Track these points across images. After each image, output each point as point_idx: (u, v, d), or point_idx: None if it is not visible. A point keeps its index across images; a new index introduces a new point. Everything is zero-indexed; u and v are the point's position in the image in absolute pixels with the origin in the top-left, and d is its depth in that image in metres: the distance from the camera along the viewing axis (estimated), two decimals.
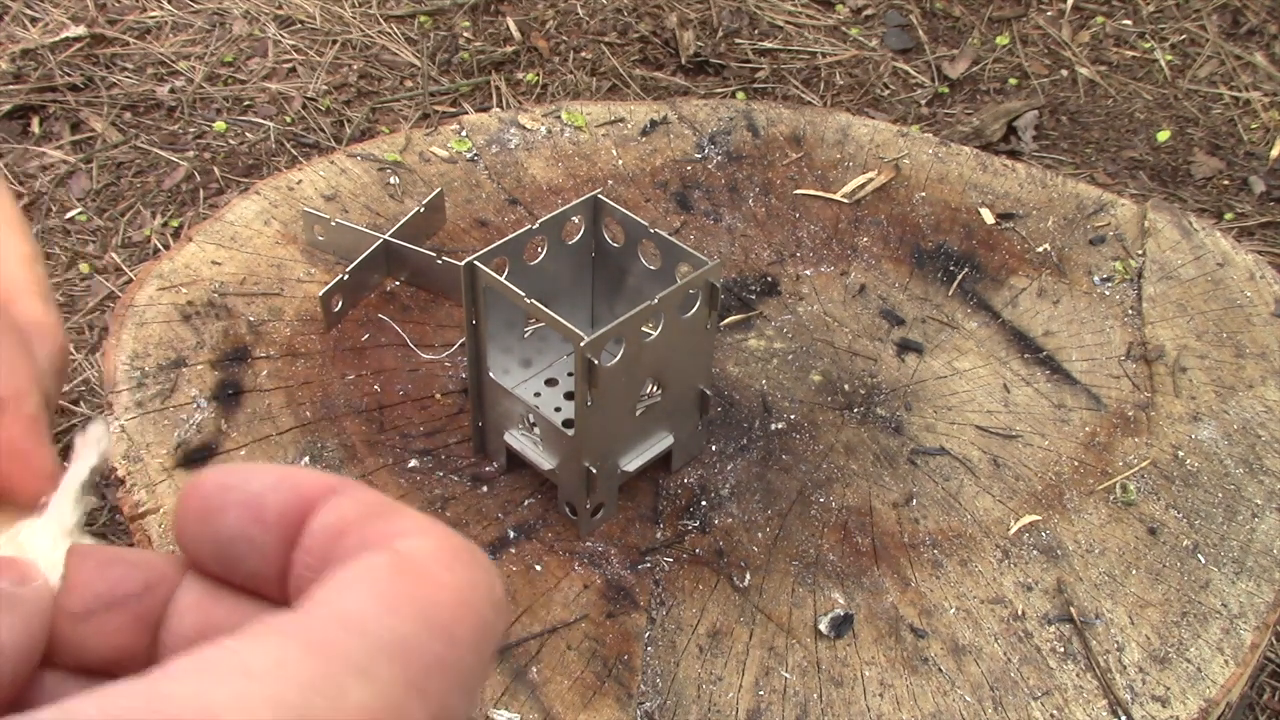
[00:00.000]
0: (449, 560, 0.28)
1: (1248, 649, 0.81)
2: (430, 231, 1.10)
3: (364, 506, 0.29)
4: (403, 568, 0.27)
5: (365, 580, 0.26)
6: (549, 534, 0.86)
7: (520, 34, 2.30)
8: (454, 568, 0.28)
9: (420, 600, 0.26)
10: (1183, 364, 1.02)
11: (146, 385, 0.93)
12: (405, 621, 0.26)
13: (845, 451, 0.93)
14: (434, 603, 0.27)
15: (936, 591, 0.84)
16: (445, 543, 0.28)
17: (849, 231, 1.14)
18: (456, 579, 0.27)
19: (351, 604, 0.26)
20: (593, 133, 1.23)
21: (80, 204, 1.94)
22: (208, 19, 2.31)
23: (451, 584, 0.27)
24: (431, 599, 0.27)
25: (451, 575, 0.27)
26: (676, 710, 0.76)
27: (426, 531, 0.28)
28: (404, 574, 0.27)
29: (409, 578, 0.27)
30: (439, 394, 0.95)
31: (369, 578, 0.27)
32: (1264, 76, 2.29)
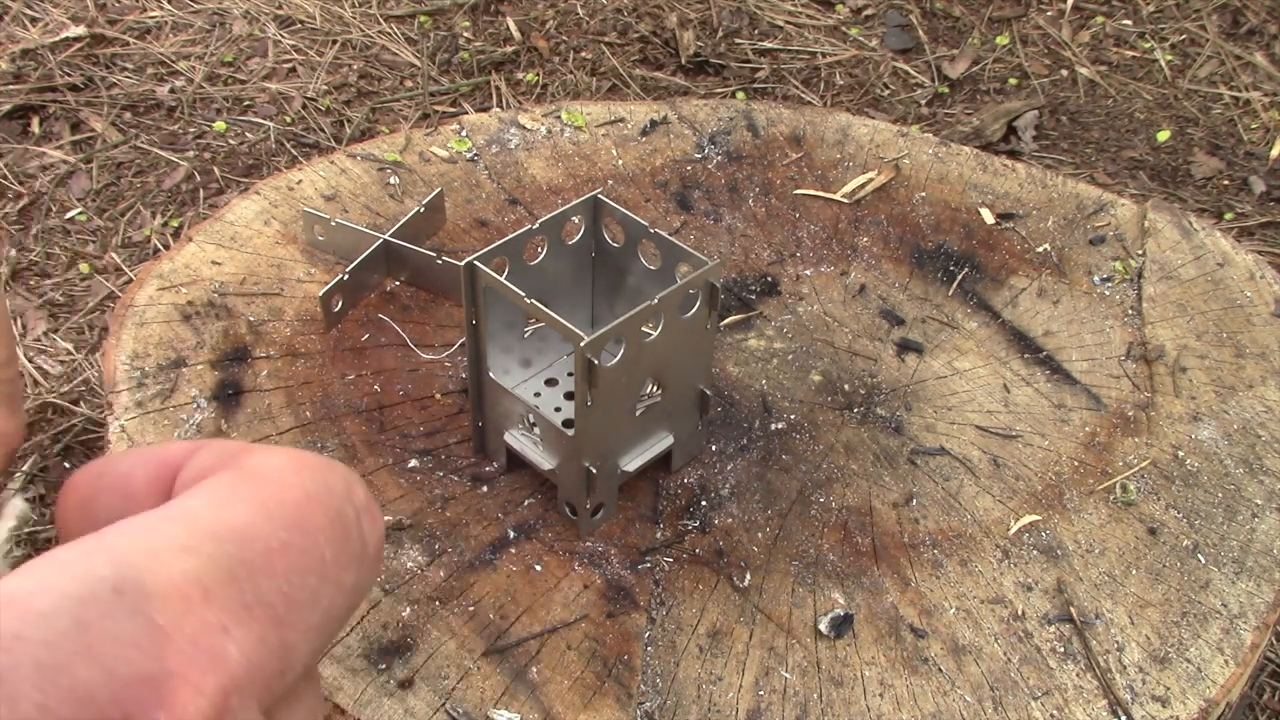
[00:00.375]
0: (294, 468, 0.29)
1: (1248, 649, 0.81)
2: (430, 231, 1.10)
3: (221, 452, 0.30)
4: (244, 475, 0.28)
5: (204, 489, 0.28)
6: (549, 534, 0.86)
7: (520, 34, 2.30)
8: (300, 472, 0.29)
9: (259, 496, 0.28)
10: (1183, 364, 1.02)
11: (146, 385, 0.93)
12: (240, 512, 0.27)
13: (845, 451, 0.93)
14: (275, 499, 0.28)
15: (936, 591, 0.84)
16: (292, 456, 0.29)
17: (849, 231, 1.14)
18: (302, 480, 0.29)
19: (180, 504, 0.27)
20: (593, 133, 1.23)
21: (80, 204, 1.94)
22: (208, 19, 2.30)
23: (295, 483, 0.28)
24: (272, 495, 0.28)
25: (296, 477, 0.29)
26: (676, 710, 0.76)
27: (275, 451, 0.29)
28: (243, 480, 0.28)
29: (248, 482, 0.28)
30: (439, 394, 0.95)
31: (208, 487, 0.28)
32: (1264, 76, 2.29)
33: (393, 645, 0.78)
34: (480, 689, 0.76)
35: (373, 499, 0.31)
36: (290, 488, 0.28)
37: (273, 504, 0.28)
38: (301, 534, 0.28)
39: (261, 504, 0.27)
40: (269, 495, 0.28)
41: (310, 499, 0.28)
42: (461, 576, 0.82)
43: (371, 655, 0.77)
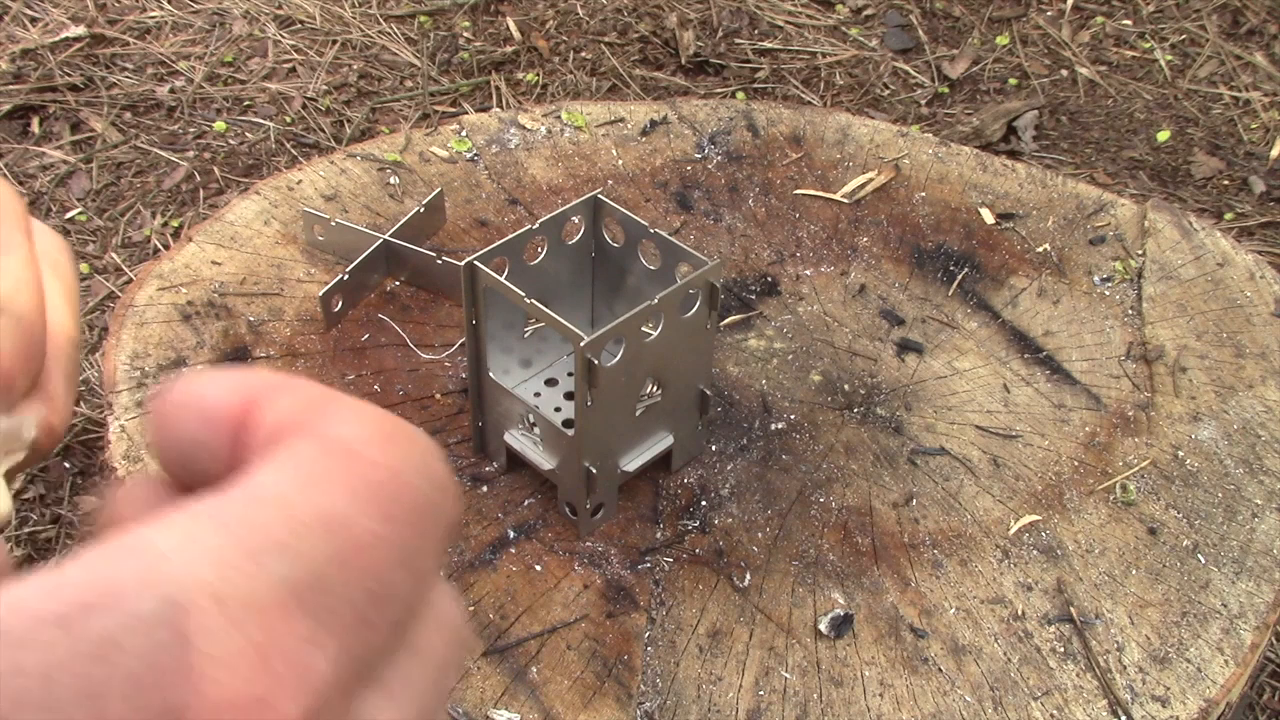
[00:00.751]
0: (381, 441, 0.27)
1: (1248, 649, 0.81)
2: (430, 231, 1.10)
3: (302, 401, 0.28)
4: (330, 449, 0.26)
5: (289, 463, 0.26)
6: (549, 534, 0.86)
7: (520, 34, 2.30)
8: (386, 448, 0.27)
9: (349, 478, 0.26)
10: (1183, 364, 1.02)
11: (146, 385, 0.93)
12: (331, 498, 0.25)
13: (845, 451, 0.93)
14: (365, 481, 0.26)
15: (936, 591, 0.84)
16: (378, 425, 0.28)
17: (849, 231, 1.14)
18: (389, 458, 0.27)
19: (270, 484, 0.25)
20: (593, 133, 1.23)
21: (80, 204, 1.94)
22: (208, 19, 2.31)
23: (383, 462, 0.27)
24: (362, 477, 0.26)
25: (383, 454, 0.27)
26: (676, 710, 0.76)
27: (359, 416, 0.28)
28: (331, 455, 0.26)
29: (336, 458, 0.26)
30: (439, 394, 0.95)
31: (293, 460, 0.26)
32: (1264, 76, 2.29)
33: None
34: (480, 689, 0.76)
35: (452, 474, 0.29)
36: (379, 468, 0.26)
37: (362, 488, 0.26)
38: (390, 524, 0.26)
39: (352, 489, 0.26)
40: (359, 477, 0.26)
41: (400, 482, 0.27)
42: (461, 576, 0.82)
43: None
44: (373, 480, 0.26)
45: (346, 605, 0.25)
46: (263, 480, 0.25)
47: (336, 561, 0.25)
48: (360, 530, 0.25)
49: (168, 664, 0.22)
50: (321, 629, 0.24)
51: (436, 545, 0.27)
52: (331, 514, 0.25)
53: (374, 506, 0.26)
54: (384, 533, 0.26)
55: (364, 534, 0.25)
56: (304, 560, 0.24)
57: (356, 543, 0.25)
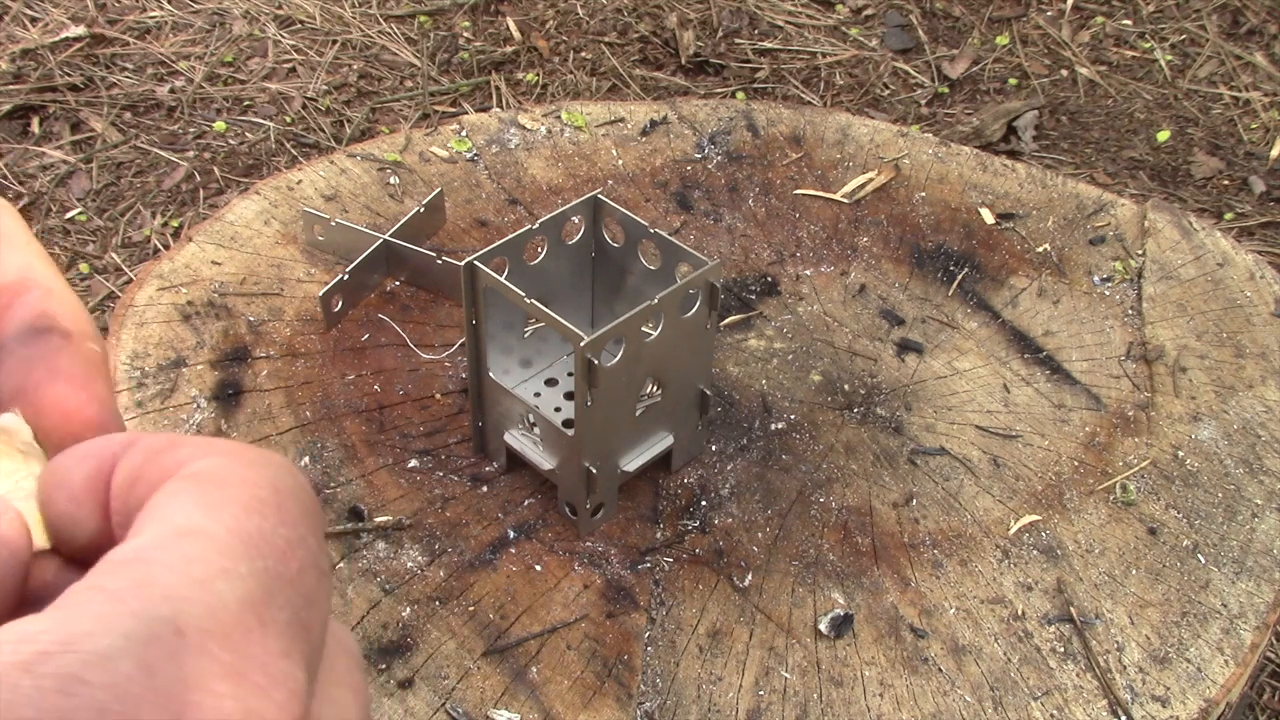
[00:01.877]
0: (244, 462, 0.28)
1: (1248, 649, 0.81)
2: (430, 231, 1.10)
3: (146, 450, 0.29)
4: (204, 480, 0.27)
5: (176, 497, 0.27)
6: (549, 534, 0.86)
7: (520, 34, 2.30)
8: (251, 466, 0.28)
9: (239, 497, 0.27)
10: (1183, 364, 1.02)
11: (146, 385, 0.93)
12: (237, 514, 0.26)
13: (845, 451, 0.93)
14: (253, 496, 0.27)
15: (936, 591, 0.84)
16: (232, 452, 0.28)
17: (849, 231, 1.14)
18: (260, 472, 0.28)
19: (178, 516, 0.26)
20: (593, 133, 1.23)
21: (80, 204, 1.94)
22: (208, 19, 2.30)
23: (258, 478, 0.27)
24: (248, 494, 0.27)
25: (254, 471, 0.28)
26: (676, 710, 0.76)
27: (212, 450, 0.28)
28: (209, 484, 0.27)
29: (216, 485, 0.27)
30: (439, 394, 0.95)
31: (179, 494, 0.27)
32: (1264, 76, 2.29)
33: (393, 645, 0.78)
34: (480, 689, 0.76)
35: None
36: (257, 484, 0.27)
37: (254, 503, 0.27)
38: (295, 529, 0.27)
39: (247, 504, 0.26)
40: (247, 494, 0.27)
41: (278, 490, 0.27)
42: (461, 576, 0.82)
43: (371, 655, 0.77)
44: (259, 495, 0.27)
45: (292, 611, 0.25)
46: (165, 518, 0.26)
47: (272, 573, 0.25)
48: (278, 539, 0.26)
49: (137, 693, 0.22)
50: (284, 638, 0.25)
51: (323, 542, 0.28)
52: (249, 530, 0.26)
53: (274, 514, 0.27)
54: (294, 537, 0.27)
55: (282, 542, 0.26)
56: (247, 578, 0.25)
57: (280, 552, 0.26)
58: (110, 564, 0.25)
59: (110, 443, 0.30)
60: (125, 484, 0.29)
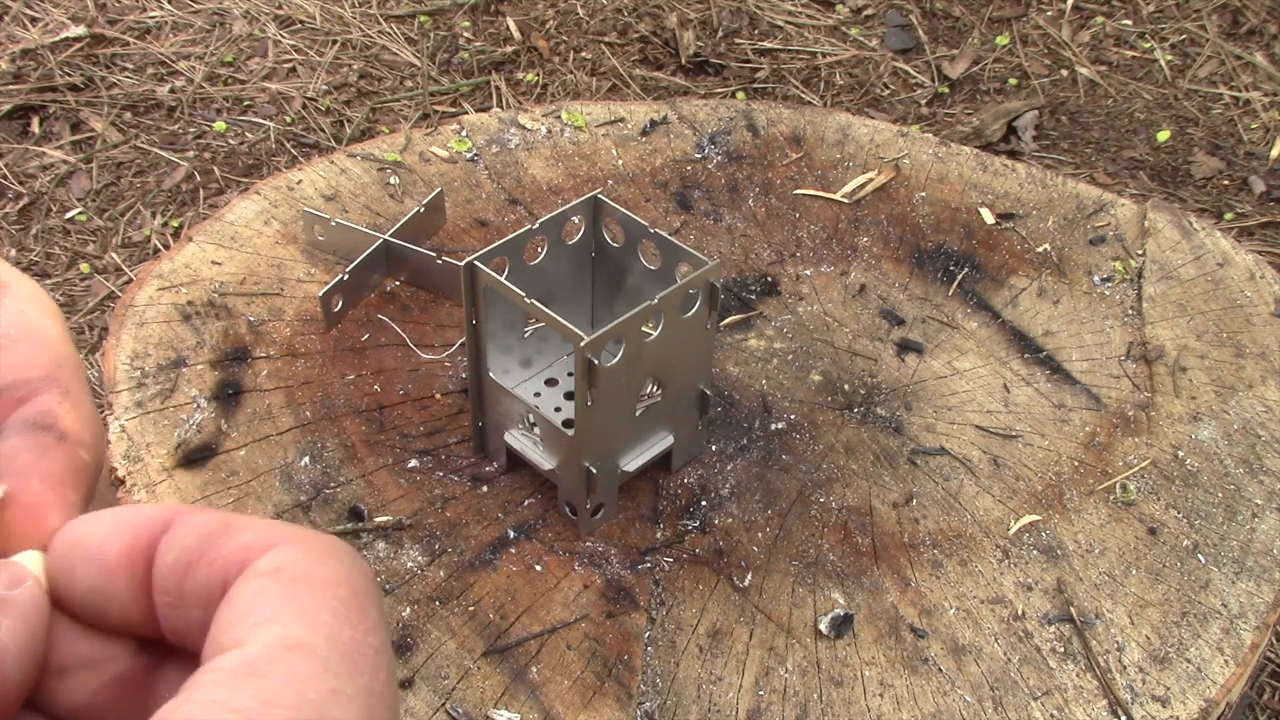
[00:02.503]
0: (318, 557, 0.29)
1: (1248, 649, 0.81)
2: (430, 231, 1.10)
3: (201, 530, 0.29)
4: (284, 580, 0.28)
5: (270, 601, 0.27)
6: (549, 534, 0.86)
7: (520, 34, 2.30)
8: (326, 559, 0.29)
9: (328, 601, 0.28)
10: (1183, 364, 1.02)
11: (146, 385, 0.93)
12: (332, 625, 0.27)
13: (845, 451, 0.93)
14: (339, 600, 0.28)
15: (936, 591, 0.84)
16: (304, 544, 0.29)
17: (849, 231, 1.14)
18: (336, 570, 0.28)
19: (279, 628, 0.27)
20: (593, 133, 1.23)
21: (80, 204, 1.94)
22: (208, 19, 2.30)
23: (335, 575, 0.28)
24: (334, 596, 0.28)
25: (330, 569, 0.28)
26: (676, 710, 0.76)
27: (278, 537, 0.29)
28: (290, 584, 0.28)
29: (298, 586, 0.28)
30: (439, 394, 0.95)
31: (271, 598, 0.27)
32: (1264, 76, 2.29)
33: (393, 645, 0.78)
34: (480, 689, 0.76)
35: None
36: (337, 584, 0.28)
37: (343, 610, 0.28)
38: (375, 633, 0.28)
39: (337, 614, 0.28)
40: (331, 597, 0.28)
41: (355, 590, 0.28)
42: (461, 576, 0.82)
43: None
44: (342, 597, 0.28)
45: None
46: (271, 631, 0.27)
47: (368, 690, 0.27)
48: (368, 649, 0.27)
49: None
50: None
51: (387, 632, 0.29)
52: (345, 642, 0.27)
53: (361, 623, 0.28)
54: (378, 644, 0.28)
55: (371, 652, 0.27)
56: (354, 699, 0.26)
57: (371, 664, 0.27)
58: (228, 675, 0.26)
59: (143, 516, 0.30)
60: (179, 566, 0.29)
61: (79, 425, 0.34)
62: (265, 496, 0.86)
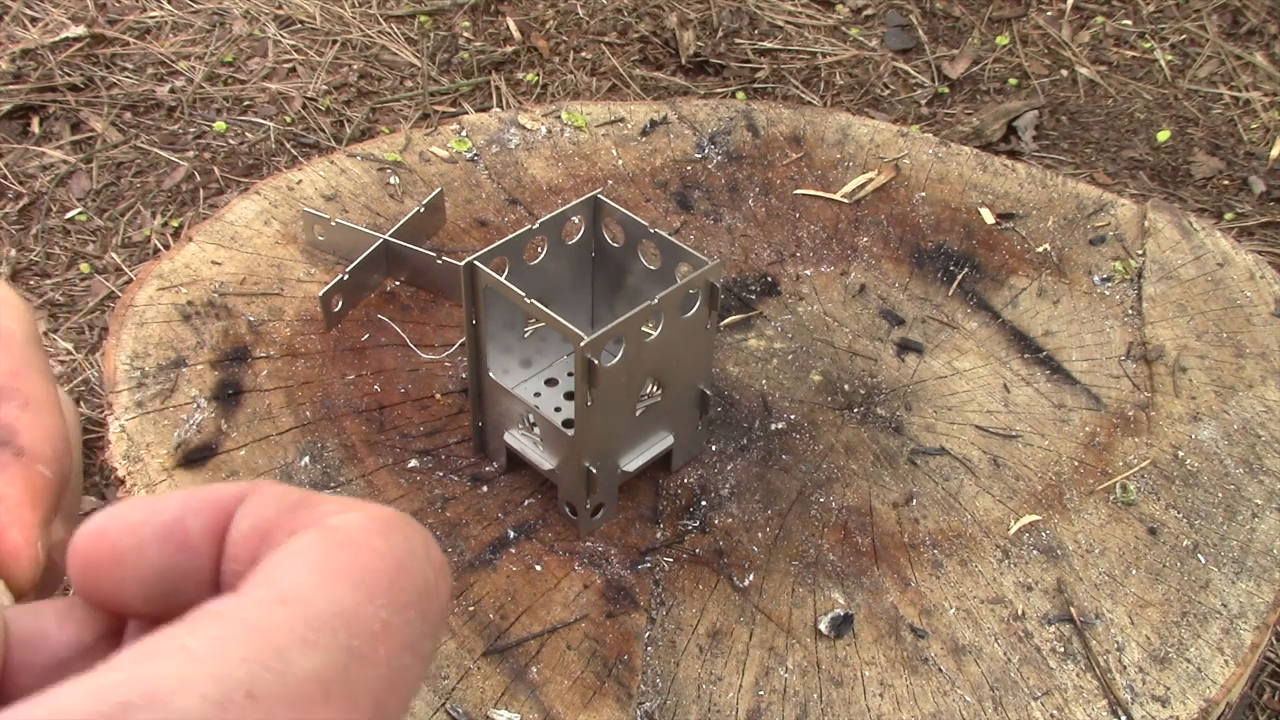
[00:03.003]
0: (380, 528, 0.28)
1: (1248, 649, 0.81)
2: (430, 231, 1.10)
3: (281, 501, 0.29)
4: (334, 540, 0.27)
5: (299, 556, 0.27)
6: (549, 534, 0.86)
7: (520, 34, 2.30)
8: (386, 534, 0.28)
9: (357, 568, 0.27)
10: (1183, 364, 1.02)
11: (146, 385, 0.93)
12: (344, 590, 0.27)
13: (845, 451, 0.93)
14: (371, 570, 0.27)
15: (936, 591, 0.84)
16: (374, 514, 0.29)
17: (849, 231, 1.14)
18: (391, 545, 0.28)
19: (287, 580, 0.26)
20: (593, 133, 1.23)
21: (80, 204, 1.94)
22: (208, 19, 2.30)
23: (386, 550, 0.28)
24: (368, 566, 0.27)
25: (385, 541, 0.28)
26: (676, 710, 0.76)
27: (353, 507, 0.29)
28: (337, 546, 0.27)
29: (342, 549, 0.27)
30: (439, 394, 0.95)
31: (302, 554, 0.27)
32: (1264, 76, 2.29)
33: None
34: (480, 689, 0.76)
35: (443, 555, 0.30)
36: (383, 556, 0.28)
37: (370, 578, 0.27)
38: (397, 611, 0.27)
39: (361, 580, 0.27)
40: (366, 567, 0.27)
41: (401, 569, 0.28)
42: (461, 576, 0.82)
43: None
44: (379, 569, 0.27)
45: (368, 693, 0.26)
46: (278, 577, 0.27)
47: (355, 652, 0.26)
48: (373, 620, 0.27)
49: None
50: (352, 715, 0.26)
51: (437, 626, 0.29)
52: (348, 607, 0.26)
53: (383, 596, 0.27)
54: (393, 621, 0.27)
55: (377, 624, 0.27)
56: (326, 654, 0.26)
57: (370, 633, 0.27)
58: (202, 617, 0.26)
59: (223, 491, 0.30)
60: (254, 533, 0.29)
61: (39, 439, 0.34)
62: None
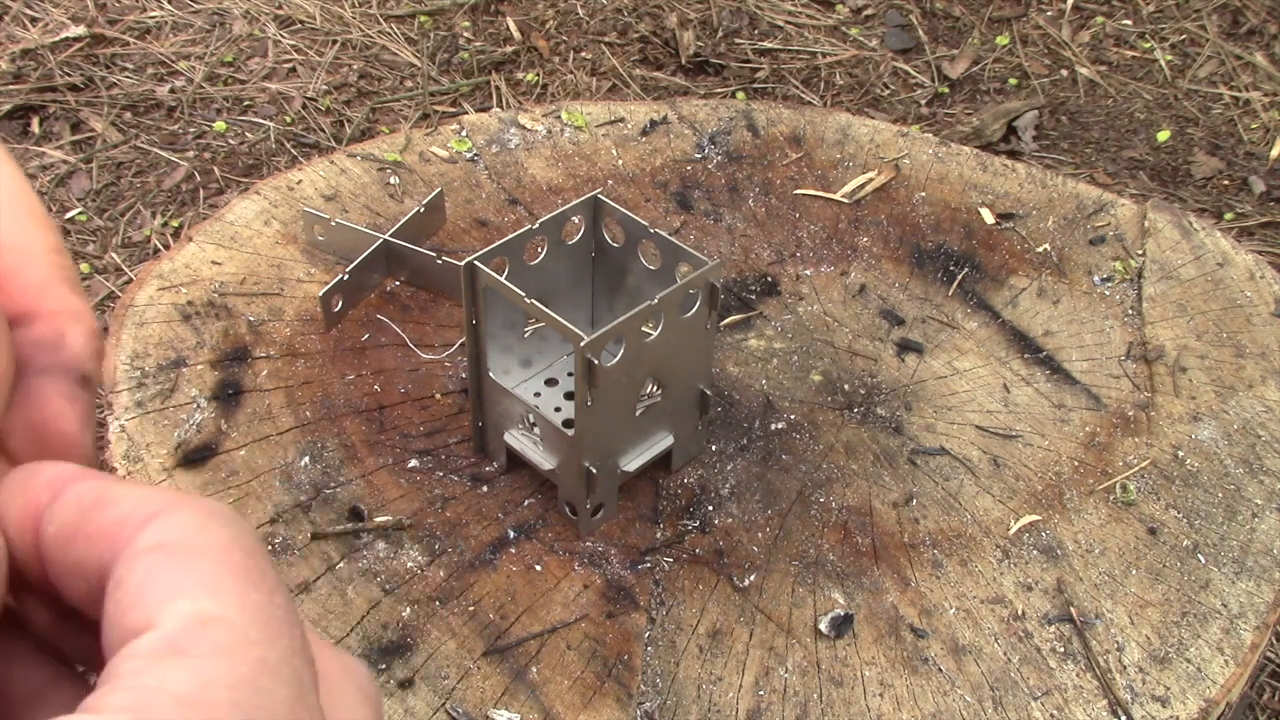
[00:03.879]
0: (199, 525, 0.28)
1: (1248, 649, 0.81)
2: (430, 231, 1.10)
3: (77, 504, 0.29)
4: (178, 552, 0.28)
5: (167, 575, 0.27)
6: (549, 534, 0.86)
7: (520, 34, 2.30)
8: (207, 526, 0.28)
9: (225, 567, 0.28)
10: (1183, 364, 1.02)
11: (146, 385, 0.93)
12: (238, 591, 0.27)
13: (845, 451, 0.93)
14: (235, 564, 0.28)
15: (936, 591, 0.84)
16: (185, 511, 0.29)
17: (849, 231, 1.14)
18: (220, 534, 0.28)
19: (188, 603, 0.27)
20: (593, 133, 1.23)
21: (80, 204, 1.94)
22: (208, 19, 2.30)
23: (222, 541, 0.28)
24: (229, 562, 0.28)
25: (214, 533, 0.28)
26: (676, 710, 0.76)
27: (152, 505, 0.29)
28: (186, 555, 0.28)
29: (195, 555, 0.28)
30: (439, 394, 0.95)
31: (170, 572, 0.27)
32: (1264, 76, 2.29)
33: (393, 645, 0.78)
34: (480, 689, 0.76)
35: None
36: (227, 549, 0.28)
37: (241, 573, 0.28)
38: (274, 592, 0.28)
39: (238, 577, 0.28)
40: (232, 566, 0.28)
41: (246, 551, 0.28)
42: (461, 576, 0.82)
43: (371, 655, 0.77)
44: (237, 561, 0.28)
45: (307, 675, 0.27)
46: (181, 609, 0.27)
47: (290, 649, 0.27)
48: (276, 610, 0.27)
49: None
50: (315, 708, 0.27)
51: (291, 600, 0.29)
52: (255, 606, 0.27)
53: (262, 583, 0.28)
54: (282, 601, 0.28)
55: (281, 612, 0.28)
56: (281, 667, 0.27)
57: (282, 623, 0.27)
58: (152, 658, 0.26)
59: (36, 482, 0.30)
60: (60, 539, 0.29)
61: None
62: (265, 496, 0.86)
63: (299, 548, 0.83)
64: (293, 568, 0.82)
